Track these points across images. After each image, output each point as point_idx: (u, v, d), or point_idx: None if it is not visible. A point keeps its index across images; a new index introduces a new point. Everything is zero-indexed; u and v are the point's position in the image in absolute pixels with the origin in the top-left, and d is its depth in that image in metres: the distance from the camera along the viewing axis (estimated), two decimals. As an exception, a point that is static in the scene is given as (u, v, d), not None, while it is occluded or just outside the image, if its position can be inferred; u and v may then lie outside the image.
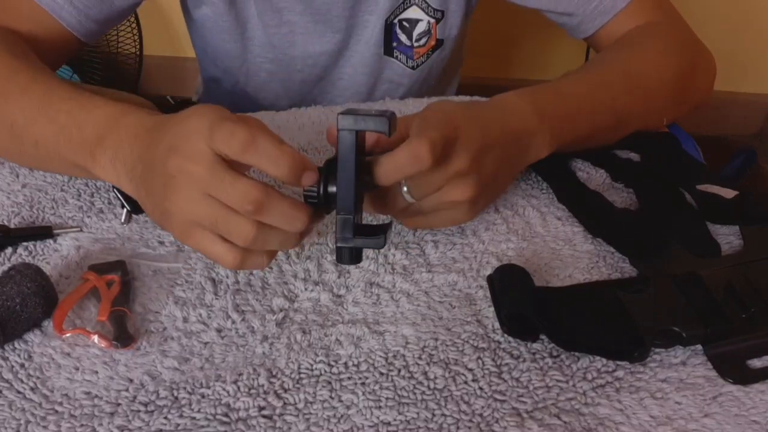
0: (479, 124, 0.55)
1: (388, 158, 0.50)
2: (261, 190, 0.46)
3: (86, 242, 0.61)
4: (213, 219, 0.47)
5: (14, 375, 0.49)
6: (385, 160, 0.50)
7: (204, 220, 0.48)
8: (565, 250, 0.60)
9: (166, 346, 0.52)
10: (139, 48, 1.95)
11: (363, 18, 0.86)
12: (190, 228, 0.49)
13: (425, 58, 0.90)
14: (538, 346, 0.52)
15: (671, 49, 0.74)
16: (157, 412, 0.47)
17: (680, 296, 0.52)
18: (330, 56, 0.90)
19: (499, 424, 0.46)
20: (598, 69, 0.70)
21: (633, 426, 0.46)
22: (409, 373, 0.50)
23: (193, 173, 0.47)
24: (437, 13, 0.87)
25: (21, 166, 0.69)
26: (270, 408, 0.47)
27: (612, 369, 0.50)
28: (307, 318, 0.54)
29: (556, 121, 0.61)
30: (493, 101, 0.61)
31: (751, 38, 1.94)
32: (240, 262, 0.49)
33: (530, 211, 0.65)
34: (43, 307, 0.52)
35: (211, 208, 0.47)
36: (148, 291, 0.56)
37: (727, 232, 0.62)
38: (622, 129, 0.69)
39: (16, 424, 0.46)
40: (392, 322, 0.54)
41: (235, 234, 0.47)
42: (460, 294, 0.56)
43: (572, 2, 0.79)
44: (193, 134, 0.47)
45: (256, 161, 0.46)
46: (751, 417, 0.47)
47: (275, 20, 0.85)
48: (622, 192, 0.68)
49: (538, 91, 0.63)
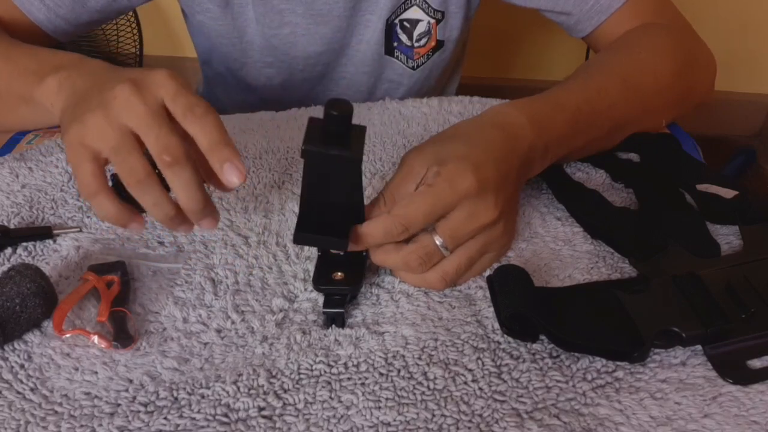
0: (491, 159, 0.54)
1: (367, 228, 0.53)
2: (187, 151, 0.48)
3: (86, 243, 0.61)
4: (118, 146, 0.48)
5: (14, 375, 0.49)
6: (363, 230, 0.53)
7: (109, 141, 0.48)
8: (565, 251, 0.60)
9: (165, 347, 0.52)
10: (139, 48, 1.95)
11: (364, 18, 0.86)
12: (87, 143, 0.49)
13: (425, 59, 0.91)
14: (538, 346, 0.52)
15: (669, 50, 0.73)
16: (156, 413, 0.47)
17: (680, 296, 0.52)
18: (331, 56, 0.90)
19: (499, 424, 0.46)
20: (594, 75, 0.69)
21: (633, 426, 0.46)
22: (409, 374, 0.50)
23: (135, 104, 0.48)
24: (437, 13, 0.87)
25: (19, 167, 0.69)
26: (270, 408, 0.47)
27: (612, 369, 0.50)
28: (307, 318, 0.54)
29: (554, 136, 0.60)
30: (494, 120, 0.59)
31: (751, 38, 1.94)
32: (93, 192, 0.49)
33: (530, 211, 0.65)
34: (42, 307, 0.52)
35: (123, 138, 0.48)
36: (147, 291, 0.56)
37: (726, 232, 0.62)
38: (620, 135, 0.69)
39: (16, 424, 0.46)
40: (392, 322, 0.54)
41: (128, 169, 0.48)
42: (460, 294, 0.56)
43: (569, 1, 0.79)
44: (159, 79, 0.50)
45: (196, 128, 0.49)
46: (750, 417, 0.47)
47: (276, 22, 0.85)
48: (621, 192, 0.68)
49: (535, 105, 0.61)
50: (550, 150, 0.60)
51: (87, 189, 0.50)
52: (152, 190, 0.49)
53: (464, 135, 0.57)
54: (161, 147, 0.48)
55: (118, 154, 0.48)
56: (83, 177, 0.49)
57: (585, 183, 0.67)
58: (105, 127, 0.49)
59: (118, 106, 0.49)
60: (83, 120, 0.49)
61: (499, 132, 0.57)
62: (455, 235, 0.53)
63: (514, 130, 0.57)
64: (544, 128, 0.59)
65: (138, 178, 0.48)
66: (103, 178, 0.50)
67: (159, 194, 0.50)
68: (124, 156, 0.48)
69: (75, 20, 0.78)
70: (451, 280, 0.55)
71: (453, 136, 0.57)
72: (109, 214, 0.50)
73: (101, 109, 0.49)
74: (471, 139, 0.56)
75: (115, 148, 0.48)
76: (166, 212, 0.51)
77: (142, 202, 0.50)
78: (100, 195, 0.50)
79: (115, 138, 0.48)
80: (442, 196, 0.52)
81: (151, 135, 0.48)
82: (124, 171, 0.49)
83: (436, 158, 0.54)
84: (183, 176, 0.49)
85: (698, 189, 0.64)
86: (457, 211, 0.53)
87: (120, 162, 0.49)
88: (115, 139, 0.48)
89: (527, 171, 0.60)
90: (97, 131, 0.49)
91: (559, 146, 0.61)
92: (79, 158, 0.49)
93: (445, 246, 0.53)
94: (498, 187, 0.54)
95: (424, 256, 0.53)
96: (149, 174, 0.48)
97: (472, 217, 0.53)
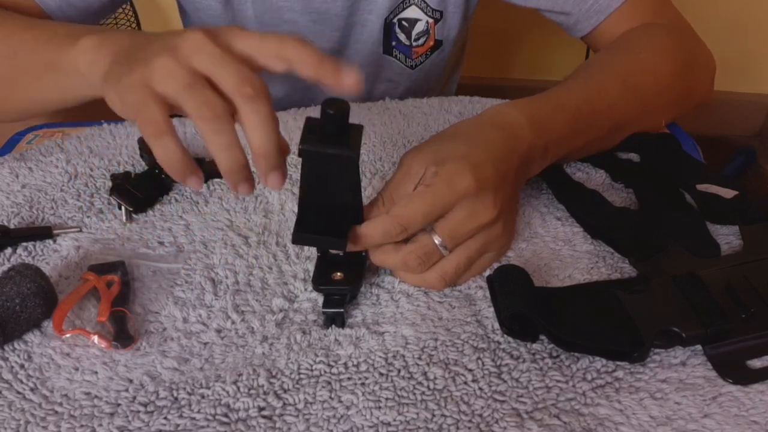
0: (490, 159, 0.54)
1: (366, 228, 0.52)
2: (263, 83, 0.46)
3: (86, 242, 0.61)
4: (191, 83, 0.45)
5: (14, 375, 0.49)
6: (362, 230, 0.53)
7: (182, 80, 0.45)
8: (565, 251, 0.60)
9: (165, 347, 0.52)
10: (139, 48, 1.95)
11: (362, 17, 0.86)
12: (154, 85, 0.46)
13: (424, 58, 0.91)
14: (538, 346, 0.52)
15: (669, 50, 0.73)
16: (156, 413, 0.47)
17: (680, 296, 0.52)
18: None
19: (499, 424, 0.46)
20: (594, 75, 0.69)
21: (633, 426, 0.46)
22: (409, 374, 0.50)
23: (207, 45, 0.46)
24: (436, 13, 0.87)
25: (19, 167, 0.69)
26: (270, 408, 0.47)
27: (612, 369, 0.50)
28: (307, 318, 0.54)
29: (554, 136, 0.60)
30: (494, 119, 0.59)
31: (751, 38, 1.94)
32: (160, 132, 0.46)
33: (530, 211, 0.65)
34: (42, 307, 0.52)
35: (195, 77, 0.45)
36: (147, 291, 0.56)
37: (726, 232, 0.62)
38: (620, 135, 0.69)
39: (16, 424, 0.46)
40: (392, 322, 0.54)
41: (205, 102, 0.45)
42: (460, 294, 0.56)
43: (569, 1, 0.79)
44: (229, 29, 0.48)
45: (296, 54, 0.47)
46: (750, 417, 0.46)
47: (275, 20, 0.85)
48: (621, 192, 0.68)
49: (535, 105, 0.61)
50: (549, 150, 0.60)
51: (154, 129, 0.46)
52: (228, 130, 0.45)
53: (463, 135, 0.57)
54: (243, 78, 0.45)
55: (192, 91, 0.45)
56: (151, 116, 0.46)
57: (585, 183, 0.67)
58: (174, 67, 0.45)
59: (189, 48, 0.46)
60: (147, 62, 0.46)
61: (498, 132, 0.57)
62: (454, 234, 0.53)
63: (513, 130, 0.57)
64: (544, 128, 0.59)
65: (216, 113, 0.45)
66: (170, 121, 0.46)
67: (233, 136, 0.46)
68: (199, 91, 0.45)
69: (86, 8, 0.77)
70: (451, 279, 0.55)
71: (452, 135, 0.57)
72: (175, 157, 0.46)
73: (168, 52, 0.46)
74: (470, 138, 0.56)
75: (189, 85, 0.45)
76: (237, 158, 0.46)
77: (214, 144, 0.46)
78: (167, 136, 0.46)
79: (188, 77, 0.45)
80: (441, 196, 0.52)
81: (229, 69, 0.45)
82: (201, 106, 0.45)
83: (434, 158, 0.54)
84: (263, 112, 0.45)
85: (698, 189, 0.64)
86: (455, 210, 0.53)
87: (195, 98, 0.45)
88: (187, 77, 0.45)
89: (527, 171, 0.60)
90: (166, 71, 0.45)
91: (558, 146, 0.61)
92: (145, 99, 0.46)
93: (444, 246, 0.53)
94: (497, 186, 0.54)
95: (423, 256, 0.53)
96: (227, 111, 0.45)
97: (471, 216, 0.53)
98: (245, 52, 0.47)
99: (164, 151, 0.46)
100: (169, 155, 0.46)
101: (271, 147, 0.46)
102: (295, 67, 0.47)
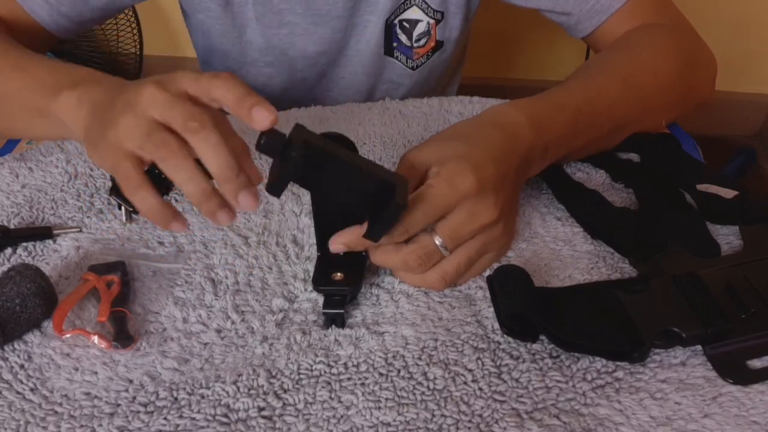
0: (490, 159, 0.54)
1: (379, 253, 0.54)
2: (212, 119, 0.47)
3: (86, 243, 0.61)
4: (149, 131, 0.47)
5: (14, 376, 0.49)
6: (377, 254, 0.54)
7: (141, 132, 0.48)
8: (565, 251, 0.60)
9: (165, 347, 0.52)
10: (139, 48, 1.95)
11: (363, 18, 0.86)
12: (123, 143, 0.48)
13: (425, 59, 0.90)
14: (538, 346, 0.52)
15: (670, 50, 0.73)
16: (156, 413, 0.47)
17: (680, 296, 0.52)
18: (330, 56, 0.90)
19: (499, 424, 0.46)
20: (595, 75, 0.69)
21: (633, 426, 0.46)
22: (409, 374, 0.50)
23: (158, 95, 0.48)
24: (437, 14, 0.87)
25: (19, 167, 0.69)
26: (270, 408, 0.47)
27: (612, 369, 0.50)
28: (307, 318, 0.54)
29: (554, 136, 0.60)
30: (494, 119, 0.59)
31: (751, 38, 1.94)
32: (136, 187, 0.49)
33: (530, 211, 0.65)
34: (42, 307, 0.52)
35: (152, 125, 0.48)
36: (147, 291, 0.56)
37: (727, 232, 0.62)
38: (620, 135, 0.69)
39: (16, 424, 0.46)
40: (392, 322, 0.54)
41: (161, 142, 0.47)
42: (460, 294, 0.56)
43: (569, 1, 0.78)
44: (180, 74, 0.49)
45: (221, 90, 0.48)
46: (751, 417, 0.46)
47: (275, 22, 0.85)
48: (621, 192, 0.68)
49: (535, 105, 0.61)
50: (549, 150, 0.60)
51: (130, 184, 0.49)
52: (187, 165, 0.47)
53: (464, 135, 0.57)
54: (186, 116, 0.47)
55: (149, 138, 0.47)
56: (125, 172, 0.49)
57: (585, 183, 0.67)
58: (135, 123, 0.48)
59: (144, 102, 0.48)
60: (116, 124, 0.49)
61: (498, 132, 0.57)
62: (455, 235, 0.53)
63: (513, 130, 0.57)
64: (544, 128, 0.59)
65: (172, 150, 0.47)
66: (143, 174, 0.49)
67: (193, 169, 0.48)
68: (155, 136, 0.47)
69: (77, 17, 0.78)
70: (451, 280, 0.55)
71: (452, 135, 0.57)
72: (153, 208, 0.49)
73: (129, 109, 0.49)
74: (470, 138, 0.56)
75: (147, 134, 0.47)
76: (202, 187, 0.48)
77: (177, 180, 0.48)
78: (142, 189, 0.49)
79: (146, 127, 0.48)
80: (442, 197, 0.52)
81: (175, 111, 0.47)
82: (158, 148, 0.47)
83: (435, 158, 0.54)
84: (211, 139, 0.46)
85: (698, 189, 0.64)
86: (456, 211, 0.53)
87: (152, 143, 0.47)
88: (146, 127, 0.48)
89: (527, 171, 0.60)
90: (129, 129, 0.48)
91: (558, 146, 0.61)
92: (118, 158, 0.49)
93: (445, 246, 0.53)
94: (497, 186, 0.54)
95: (423, 256, 0.53)
96: (182, 147, 0.47)
97: (472, 217, 0.53)
98: (191, 93, 0.49)
99: (142, 203, 0.49)
100: (147, 206, 0.49)
101: (228, 169, 0.47)
102: (222, 106, 0.49)
